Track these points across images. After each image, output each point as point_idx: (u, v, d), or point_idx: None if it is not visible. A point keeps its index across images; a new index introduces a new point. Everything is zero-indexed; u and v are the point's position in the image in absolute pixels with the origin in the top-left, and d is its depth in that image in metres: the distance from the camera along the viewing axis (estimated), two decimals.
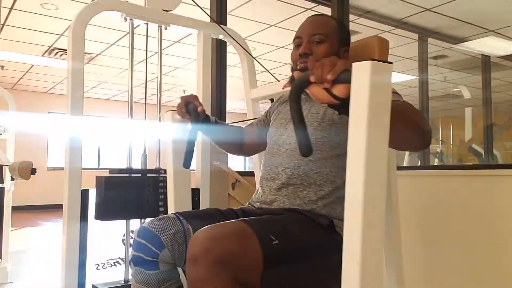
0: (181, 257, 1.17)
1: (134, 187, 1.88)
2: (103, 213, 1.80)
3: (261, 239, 1.00)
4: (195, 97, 1.38)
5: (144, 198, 1.88)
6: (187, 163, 1.31)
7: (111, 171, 1.91)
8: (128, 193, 1.86)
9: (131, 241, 1.84)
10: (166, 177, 1.54)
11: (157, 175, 1.95)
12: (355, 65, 0.80)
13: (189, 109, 1.36)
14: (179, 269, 1.22)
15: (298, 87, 0.90)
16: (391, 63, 0.82)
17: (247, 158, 6.91)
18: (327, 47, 1.31)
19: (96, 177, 1.85)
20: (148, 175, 1.94)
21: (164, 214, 1.26)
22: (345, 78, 0.82)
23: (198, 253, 0.94)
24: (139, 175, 1.93)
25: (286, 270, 1.03)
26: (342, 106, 0.86)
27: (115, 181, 1.86)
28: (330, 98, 0.85)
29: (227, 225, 1.02)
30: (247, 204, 1.39)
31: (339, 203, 1.22)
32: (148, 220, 1.25)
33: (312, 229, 1.14)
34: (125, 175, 1.91)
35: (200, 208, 1.88)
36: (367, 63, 0.78)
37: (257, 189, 1.40)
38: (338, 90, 0.84)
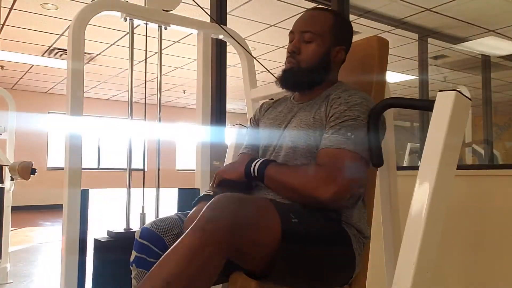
0: None
1: None
2: None
3: (282, 215, 1.01)
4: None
5: None
6: None
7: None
8: None
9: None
10: None
11: None
12: (440, 94, 0.96)
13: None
14: None
15: None
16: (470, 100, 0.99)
17: None
18: (315, 47, 1.25)
19: None
20: None
21: None
22: None
23: (219, 212, 0.92)
24: None
25: (299, 250, 1.02)
26: None
27: None
28: None
29: (250, 197, 1.04)
30: None
31: None
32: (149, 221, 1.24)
33: (323, 219, 1.13)
34: None
35: None
36: (452, 93, 0.95)
37: None
38: None
